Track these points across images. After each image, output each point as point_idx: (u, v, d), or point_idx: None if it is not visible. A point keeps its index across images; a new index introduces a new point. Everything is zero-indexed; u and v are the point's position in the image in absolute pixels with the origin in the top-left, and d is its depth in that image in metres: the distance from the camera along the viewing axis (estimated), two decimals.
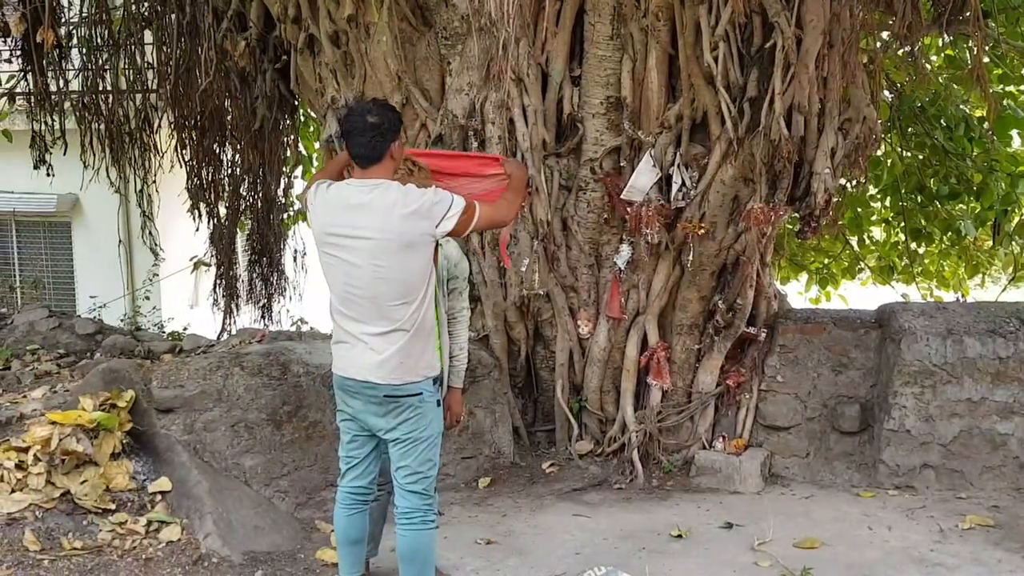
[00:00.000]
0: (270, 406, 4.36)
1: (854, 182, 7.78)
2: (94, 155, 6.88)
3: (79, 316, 7.89)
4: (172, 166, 7.24)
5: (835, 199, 4.48)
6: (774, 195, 4.47)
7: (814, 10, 4.09)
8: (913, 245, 8.42)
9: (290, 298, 8.28)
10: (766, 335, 5.07)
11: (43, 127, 6.83)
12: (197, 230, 7.75)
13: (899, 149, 7.71)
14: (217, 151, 6.91)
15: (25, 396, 5.35)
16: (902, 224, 8.31)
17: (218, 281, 8.17)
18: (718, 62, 4.33)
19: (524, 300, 5.07)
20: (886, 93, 7.47)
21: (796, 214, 4.66)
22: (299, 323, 8.50)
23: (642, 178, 4.76)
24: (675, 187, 4.74)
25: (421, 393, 3.14)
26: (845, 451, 4.97)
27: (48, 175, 7.11)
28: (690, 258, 4.77)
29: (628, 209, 4.82)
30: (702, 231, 4.70)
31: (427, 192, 3.14)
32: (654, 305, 5.03)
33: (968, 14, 4.10)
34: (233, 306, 8.02)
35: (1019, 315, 4.73)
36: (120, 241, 9.39)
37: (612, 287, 5.05)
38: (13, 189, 10.68)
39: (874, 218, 8.81)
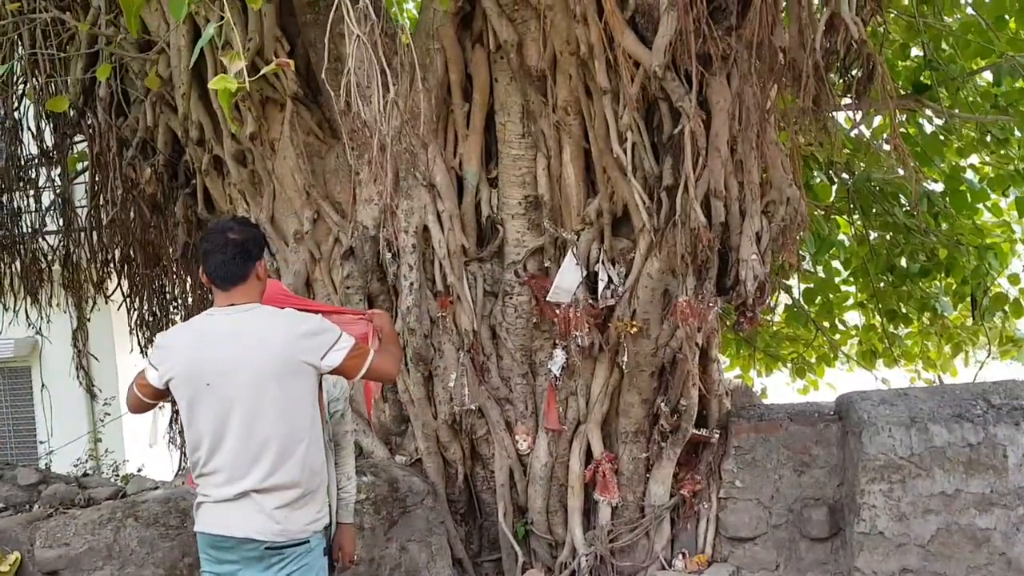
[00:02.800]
0: (167, 560, 3.94)
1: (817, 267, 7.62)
2: (47, 297, 6.68)
3: (21, 466, 7.50)
4: (120, 302, 7.02)
5: (768, 285, 4.16)
6: (702, 286, 4.16)
7: (718, 91, 3.89)
8: (892, 327, 8.10)
9: None
10: (719, 437, 4.68)
11: None
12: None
13: (864, 230, 7.47)
14: (150, 281, 6.67)
15: None
16: (878, 306, 8.01)
17: (173, 417, 7.83)
18: (628, 153, 4.10)
19: (456, 417, 4.70)
20: (844, 175, 7.32)
21: (729, 304, 4.34)
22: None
23: (567, 278, 4.47)
24: (602, 284, 4.45)
25: (308, 541, 2.76)
26: (817, 559, 4.51)
27: None
28: (625, 359, 4.42)
29: (556, 312, 4.51)
30: (635, 329, 4.37)
31: (313, 317, 2.82)
32: (595, 412, 4.65)
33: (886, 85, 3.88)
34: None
35: (985, 396, 4.34)
36: (80, 383, 9.10)
37: (548, 396, 4.69)
38: None
39: (849, 302, 8.51)
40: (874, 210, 7.34)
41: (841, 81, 3.94)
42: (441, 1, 4.24)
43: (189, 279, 6.47)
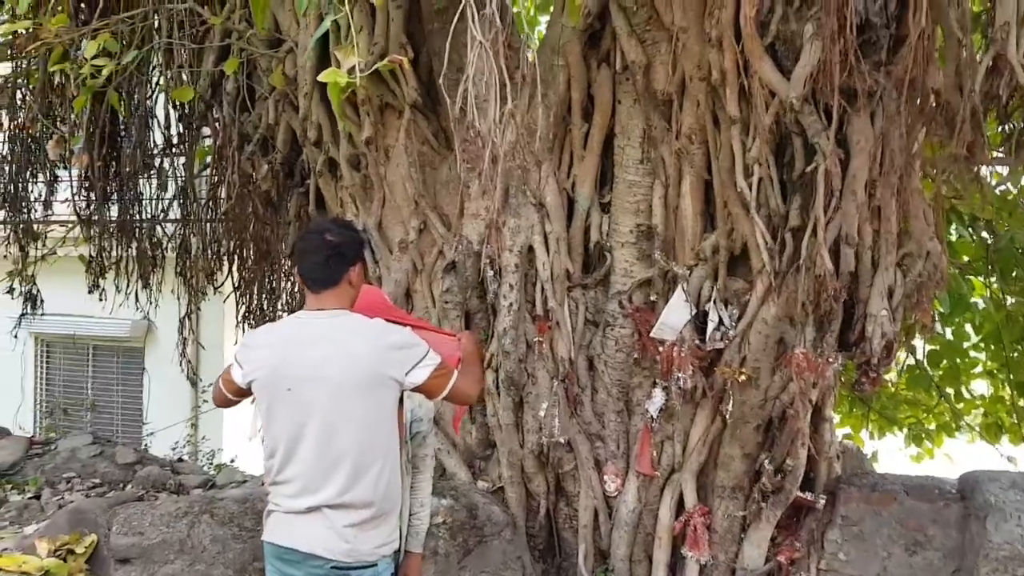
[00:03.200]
0: (238, 561, 3.87)
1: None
2: (158, 282, 6.83)
3: (121, 445, 7.69)
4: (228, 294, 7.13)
5: (895, 345, 3.80)
6: (823, 339, 3.84)
7: (859, 130, 3.57)
8: (1021, 401, 7.47)
9: None
10: (825, 503, 4.31)
11: (97, 251, 6.83)
12: None
13: (1001, 294, 6.92)
14: (259, 276, 6.72)
15: (21, 530, 5.05)
16: (1009, 376, 7.41)
17: None
18: (753, 188, 3.83)
19: (543, 448, 4.49)
20: (984, 232, 6.81)
21: (850, 361, 3.99)
22: None
23: (674, 314, 4.22)
24: (711, 325, 4.17)
25: (376, 565, 2.61)
26: None
27: (101, 299, 7.08)
28: (730, 408, 4.13)
29: (659, 349, 4.26)
30: (743, 377, 4.08)
31: (402, 329, 2.70)
32: (691, 461, 4.37)
33: None
34: None
35: None
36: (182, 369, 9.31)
37: (643, 437, 4.43)
38: (93, 314, 10.89)
39: (977, 369, 7.90)
40: (1014, 274, 6.81)
41: (1000, 130, 3.57)
42: (571, 17, 4.09)
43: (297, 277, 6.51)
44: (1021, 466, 7.25)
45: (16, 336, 7.84)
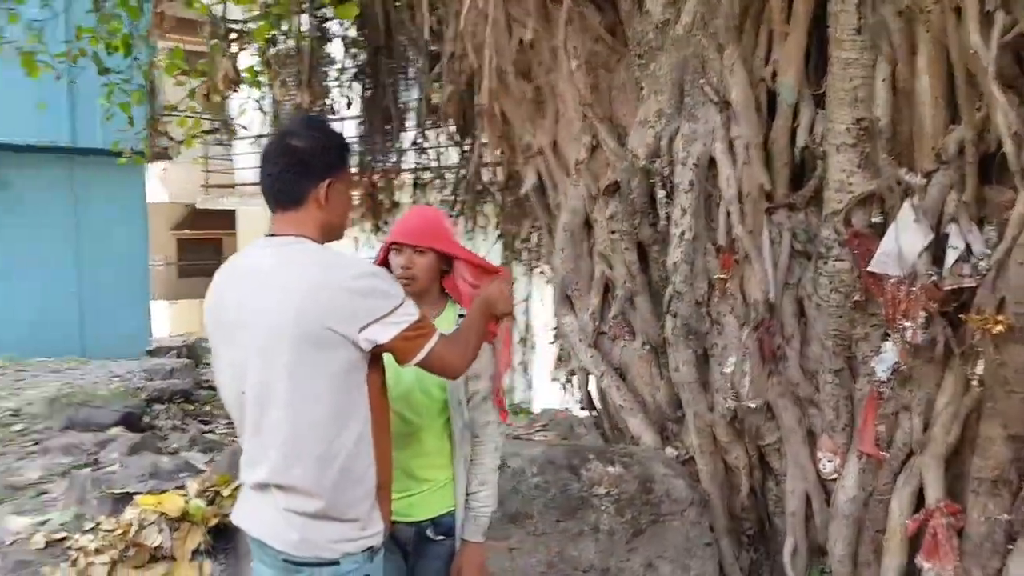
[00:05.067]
0: None
1: None
2: None
3: None
4: None
5: None
6: None
7: None
8: None
9: None
10: None
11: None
12: None
13: None
14: None
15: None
16: None
17: None
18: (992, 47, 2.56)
19: (735, 413, 3.56)
20: None
21: None
22: None
23: (901, 240, 3.05)
24: (953, 254, 2.95)
25: (338, 563, 2.02)
26: None
27: None
28: (978, 370, 2.91)
29: (880, 287, 3.12)
30: (1000, 328, 2.83)
31: (377, 271, 2.03)
32: (936, 442, 3.18)
33: None
34: None
35: None
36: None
37: (867, 407, 3.32)
38: None
39: None
40: None
41: None
42: None
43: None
44: None
45: None
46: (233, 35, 5.58)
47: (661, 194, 3.56)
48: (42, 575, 3.50)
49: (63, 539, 3.71)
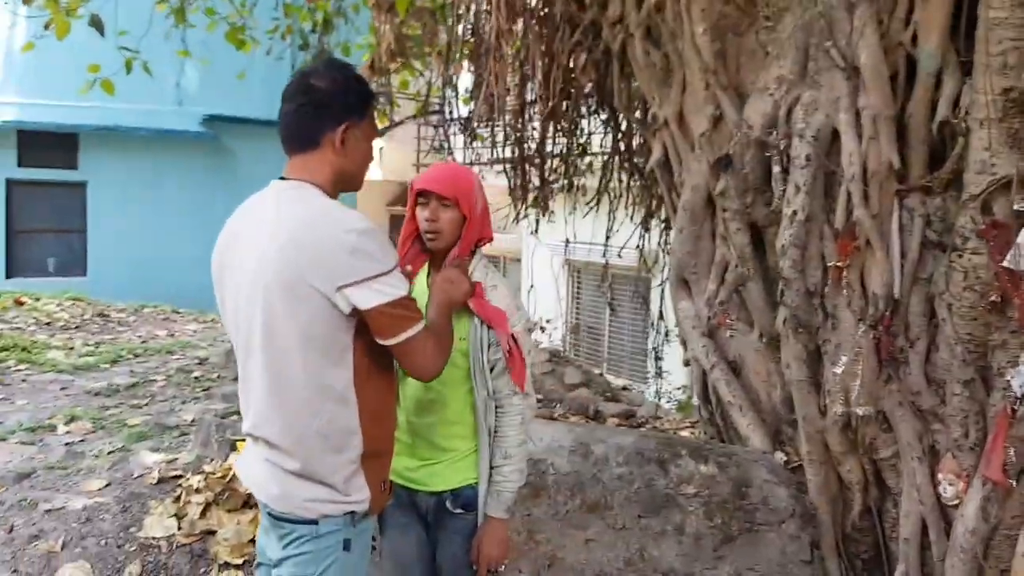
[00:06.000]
0: None
1: None
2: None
3: (576, 366, 7.81)
4: None
5: None
6: None
7: None
8: None
9: None
10: None
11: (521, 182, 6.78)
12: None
13: None
14: None
15: None
16: None
17: None
18: None
19: (848, 420, 3.17)
20: None
21: None
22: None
23: None
24: None
25: (316, 523, 1.96)
26: None
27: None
28: None
29: (1016, 286, 2.65)
30: None
31: (374, 231, 1.92)
32: None
33: None
34: None
35: None
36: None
37: (998, 426, 2.84)
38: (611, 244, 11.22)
39: None
40: None
41: None
42: None
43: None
44: None
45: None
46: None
47: (776, 169, 3.22)
48: (150, 507, 3.74)
49: (177, 477, 3.94)
